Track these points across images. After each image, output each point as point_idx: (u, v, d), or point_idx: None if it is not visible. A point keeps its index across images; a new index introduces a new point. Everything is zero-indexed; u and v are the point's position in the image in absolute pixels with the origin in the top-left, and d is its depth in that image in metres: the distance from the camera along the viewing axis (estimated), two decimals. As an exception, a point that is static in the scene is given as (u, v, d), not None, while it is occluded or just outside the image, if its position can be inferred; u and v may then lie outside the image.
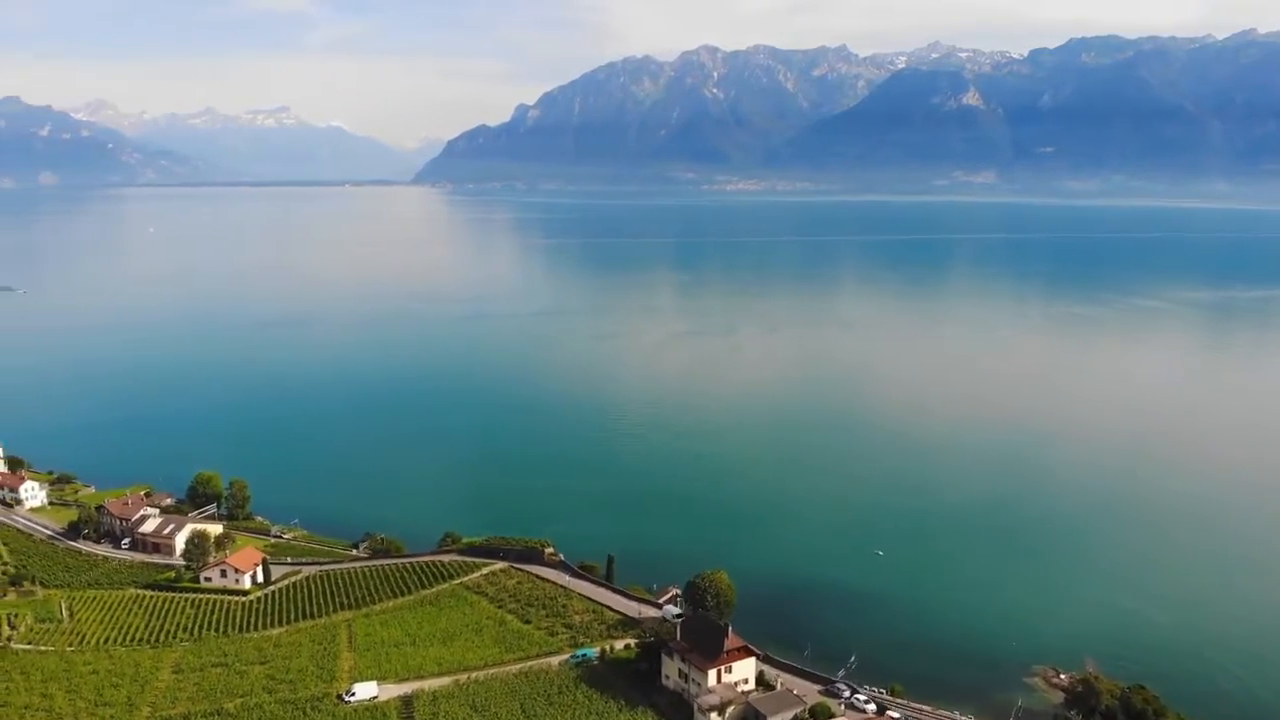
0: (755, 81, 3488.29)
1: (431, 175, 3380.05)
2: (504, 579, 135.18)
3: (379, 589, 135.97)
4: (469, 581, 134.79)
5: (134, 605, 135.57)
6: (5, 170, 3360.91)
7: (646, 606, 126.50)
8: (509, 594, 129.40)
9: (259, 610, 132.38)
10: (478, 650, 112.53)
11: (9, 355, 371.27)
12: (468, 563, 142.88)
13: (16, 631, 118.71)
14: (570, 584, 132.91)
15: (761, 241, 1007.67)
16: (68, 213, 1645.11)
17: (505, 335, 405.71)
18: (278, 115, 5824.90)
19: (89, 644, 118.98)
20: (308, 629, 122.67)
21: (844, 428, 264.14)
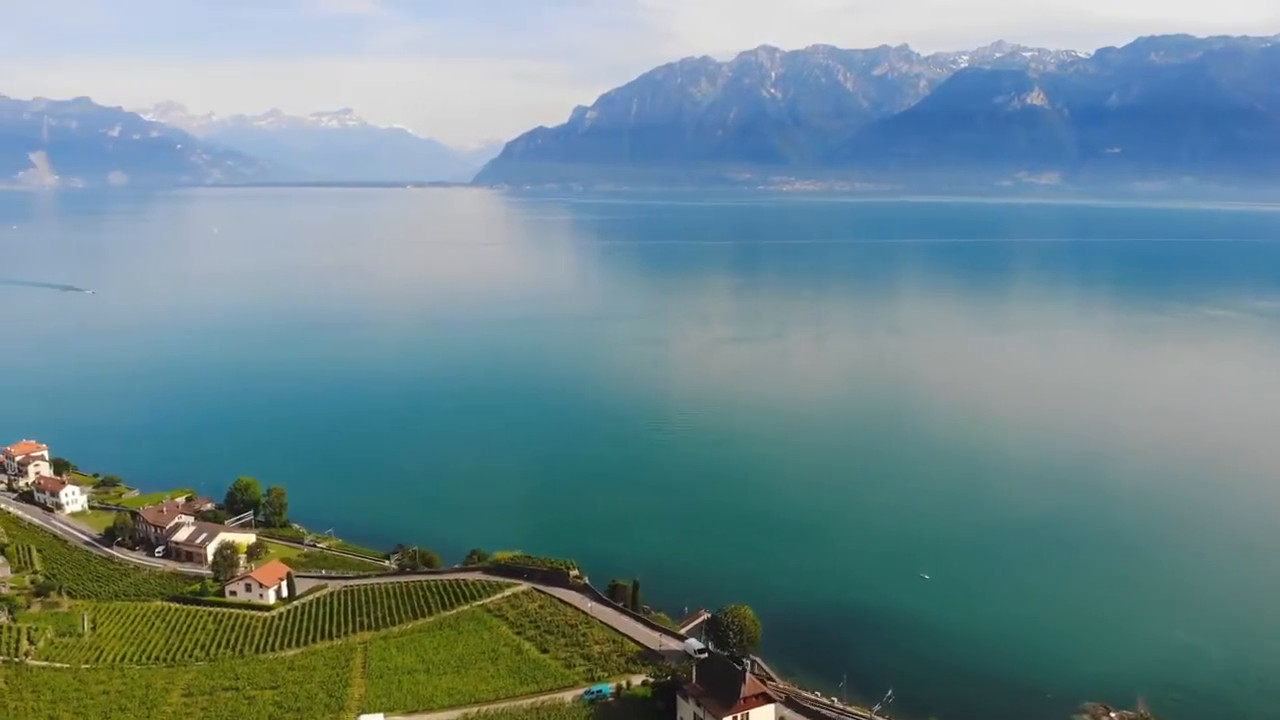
0: (814, 81, 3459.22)
1: (490, 177, 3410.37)
2: (526, 602, 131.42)
3: (400, 609, 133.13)
4: (490, 604, 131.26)
5: (157, 619, 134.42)
6: (76, 170, 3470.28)
7: (668, 638, 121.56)
8: (529, 619, 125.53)
9: (279, 628, 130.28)
10: (491, 681, 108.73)
11: (71, 356, 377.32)
12: (491, 582, 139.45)
13: (35, 647, 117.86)
14: (592, 610, 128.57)
15: (817, 244, 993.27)
16: (136, 213, 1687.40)
17: (550, 340, 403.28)
18: (341, 117, 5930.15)
19: (105, 661, 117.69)
20: (323, 651, 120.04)
21: (894, 441, 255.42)
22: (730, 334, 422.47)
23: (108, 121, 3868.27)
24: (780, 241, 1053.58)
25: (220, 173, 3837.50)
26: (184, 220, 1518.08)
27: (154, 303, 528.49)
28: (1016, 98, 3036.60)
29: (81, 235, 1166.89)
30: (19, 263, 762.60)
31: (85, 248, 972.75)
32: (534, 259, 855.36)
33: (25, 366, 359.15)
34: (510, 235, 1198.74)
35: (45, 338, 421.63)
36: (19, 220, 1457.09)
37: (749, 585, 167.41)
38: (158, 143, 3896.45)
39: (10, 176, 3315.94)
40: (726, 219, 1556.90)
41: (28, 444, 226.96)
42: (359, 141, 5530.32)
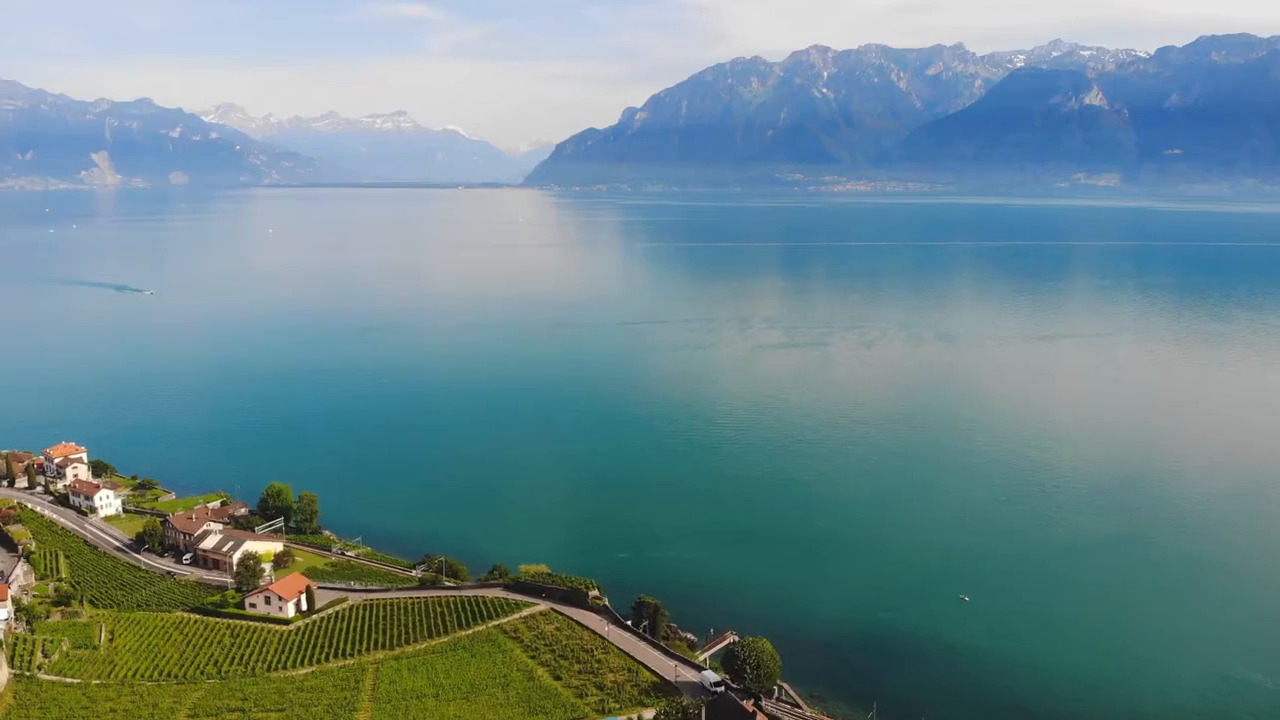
0: (866, 81, 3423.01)
1: (540, 178, 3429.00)
2: (543, 623, 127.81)
3: (416, 626, 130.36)
4: (506, 624, 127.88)
5: (175, 631, 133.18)
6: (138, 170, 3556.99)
7: (685, 667, 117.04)
8: (545, 642, 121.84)
9: (294, 644, 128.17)
10: (500, 710, 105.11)
11: (123, 357, 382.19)
12: (510, 601, 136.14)
13: (49, 660, 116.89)
14: (609, 634, 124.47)
15: (868, 247, 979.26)
16: (195, 213, 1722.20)
17: (592, 345, 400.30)
18: (395, 119, 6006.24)
19: (117, 676, 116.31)
20: (335, 671, 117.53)
21: (937, 454, 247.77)
22: (773, 340, 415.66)
23: (169, 122, 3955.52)
24: (830, 244, 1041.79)
25: (278, 173, 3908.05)
26: (242, 220, 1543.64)
27: (209, 304, 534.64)
28: (1074, 98, 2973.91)
29: (142, 235, 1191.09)
30: (81, 263, 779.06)
31: (146, 247, 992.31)
32: (579, 261, 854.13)
33: (77, 367, 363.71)
34: (557, 237, 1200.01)
35: (101, 338, 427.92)
36: (81, 219, 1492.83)
37: (779, 603, 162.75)
38: (217, 144, 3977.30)
39: (73, 176, 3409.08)
40: (776, 220, 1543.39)
41: (67, 446, 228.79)
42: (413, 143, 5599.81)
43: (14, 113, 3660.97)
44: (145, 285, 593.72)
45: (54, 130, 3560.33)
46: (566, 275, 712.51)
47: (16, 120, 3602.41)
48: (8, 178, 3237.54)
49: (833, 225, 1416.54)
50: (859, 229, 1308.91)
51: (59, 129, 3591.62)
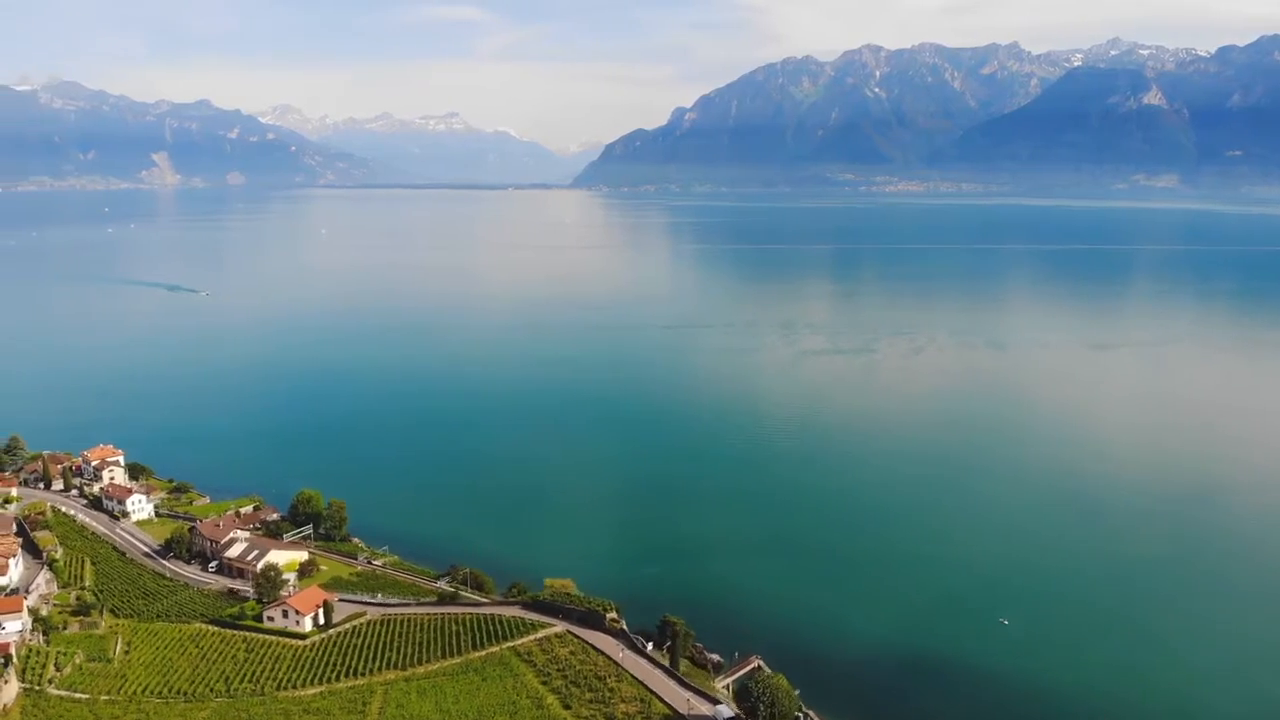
0: (920, 80, 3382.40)
1: (589, 179, 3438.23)
2: (557, 646, 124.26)
3: (431, 645, 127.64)
4: (521, 646, 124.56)
5: (191, 644, 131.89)
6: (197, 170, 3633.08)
7: (700, 699, 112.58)
8: (557, 667, 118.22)
9: (307, 661, 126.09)
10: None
11: (174, 358, 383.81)
12: (526, 621, 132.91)
13: (60, 674, 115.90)
14: (624, 660, 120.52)
15: (918, 249, 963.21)
16: (252, 213, 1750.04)
17: (634, 349, 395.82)
18: (448, 120, 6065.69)
19: (126, 692, 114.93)
20: (344, 692, 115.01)
21: (981, 468, 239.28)
22: (817, 346, 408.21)
23: (227, 123, 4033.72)
24: (881, 245, 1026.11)
25: (333, 174, 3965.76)
26: (296, 220, 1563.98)
27: (260, 305, 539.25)
28: (1133, 97, 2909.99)
29: (199, 235, 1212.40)
30: (138, 263, 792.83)
31: (202, 248, 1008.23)
32: (622, 263, 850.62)
33: (127, 368, 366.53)
34: (604, 238, 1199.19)
35: (154, 339, 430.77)
36: (139, 219, 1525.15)
37: (810, 622, 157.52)
38: (274, 145, 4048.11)
39: (134, 176, 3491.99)
40: (825, 221, 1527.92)
41: (105, 449, 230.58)
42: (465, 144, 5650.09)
43: (76, 113, 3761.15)
44: (201, 286, 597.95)
45: (115, 131, 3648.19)
46: (609, 277, 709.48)
47: (79, 121, 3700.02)
48: (70, 177, 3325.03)
49: (883, 226, 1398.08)
50: (910, 230, 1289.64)
51: (120, 129, 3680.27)
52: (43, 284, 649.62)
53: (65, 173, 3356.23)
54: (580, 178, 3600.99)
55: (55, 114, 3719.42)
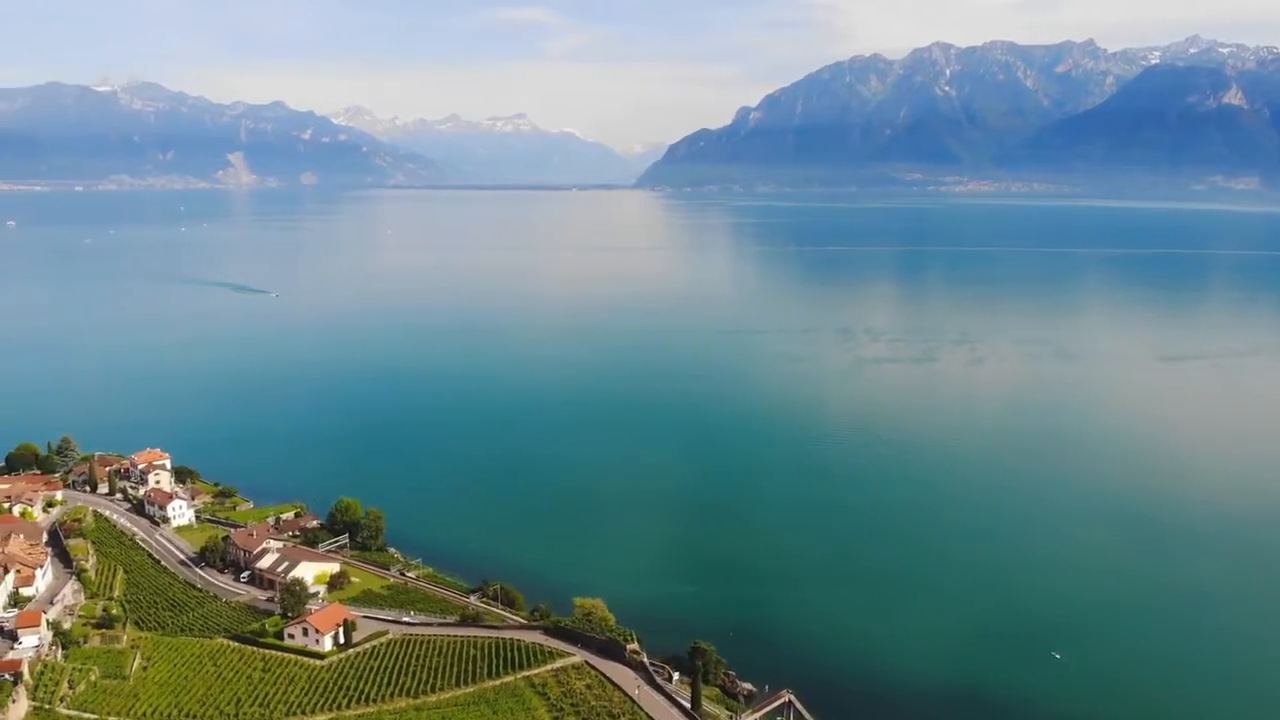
0: (991, 78, 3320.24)
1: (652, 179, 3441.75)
2: (574, 678, 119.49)
3: (446, 672, 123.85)
4: (536, 677, 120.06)
5: (209, 661, 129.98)
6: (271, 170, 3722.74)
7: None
8: (570, 701, 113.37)
9: (320, 684, 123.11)
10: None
11: (237, 359, 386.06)
12: (545, 649, 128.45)
13: (73, 692, 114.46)
14: (640, 695, 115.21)
15: (986, 252, 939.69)
16: (323, 213, 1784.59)
17: (687, 356, 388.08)
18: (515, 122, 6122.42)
19: (136, 712, 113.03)
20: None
21: (1040, 487, 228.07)
22: (875, 354, 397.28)
23: (300, 124, 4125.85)
24: (948, 248, 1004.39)
25: (402, 175, 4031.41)
26: (365, 221, 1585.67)
27: (325, 308, 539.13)
28: (1212, 96, 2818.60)
29: (271, 235, 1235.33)
30: (209, 263, 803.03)
31: (273, 248, 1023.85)
32: (683, 265, 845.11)
33: (188, 369, 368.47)
34: (664, 239, 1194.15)
35: (220, 340, 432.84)
36: (213, 219, 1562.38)
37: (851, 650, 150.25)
38: (345, 145, 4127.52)
39: (210, 176, 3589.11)
40: (892, 222, 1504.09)
41: (152, 452, 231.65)
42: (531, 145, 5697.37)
43: (155, 114, 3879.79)
44: (271, 287, 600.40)
45: (193, 131, 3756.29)
46: (667, 279, 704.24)
47: (158, 122, 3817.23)
48: (149, 176, 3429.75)
49: (950, 228, 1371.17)
50: (978, 232, 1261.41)
51: (197, 130, 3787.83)
52: (114, 282, 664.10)
53: (144, 172, 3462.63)
54: (643, 178, 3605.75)
55: (135, 114, 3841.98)
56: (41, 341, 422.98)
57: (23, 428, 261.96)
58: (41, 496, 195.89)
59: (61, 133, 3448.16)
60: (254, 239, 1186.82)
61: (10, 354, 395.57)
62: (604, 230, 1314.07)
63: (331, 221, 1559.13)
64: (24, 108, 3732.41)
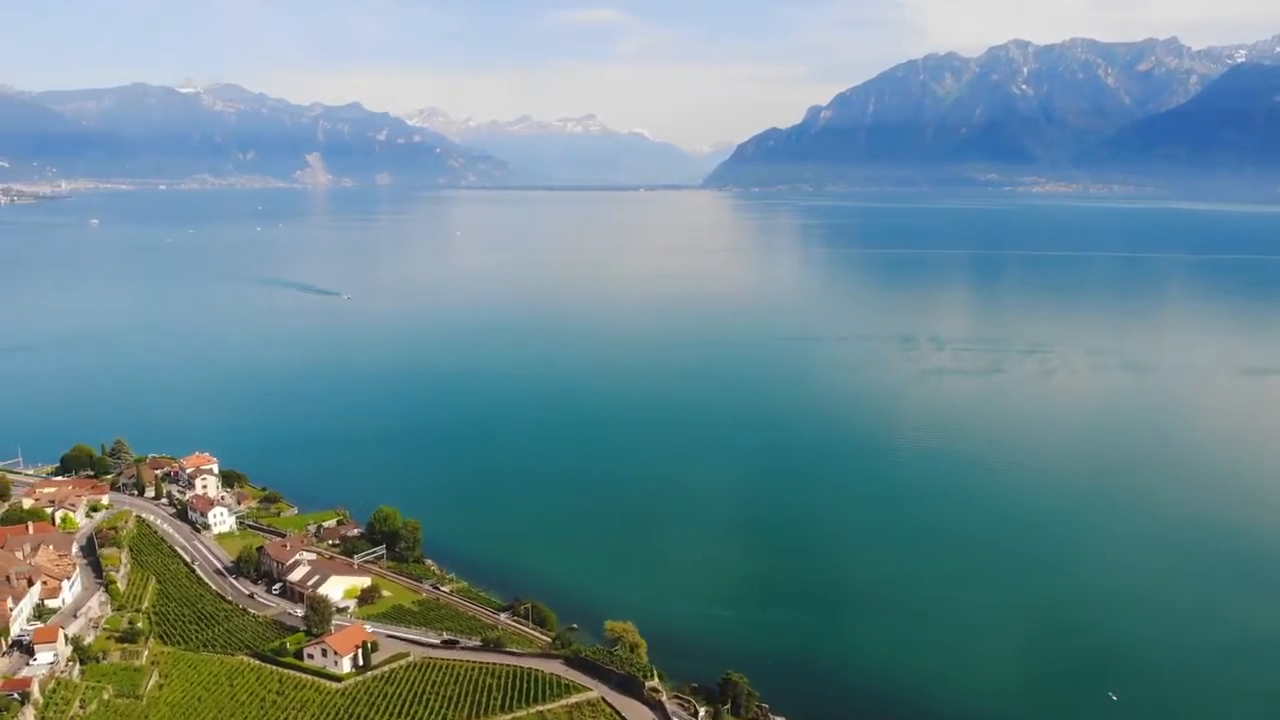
0: (1070, 77, 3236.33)
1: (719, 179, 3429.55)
2: (589, 716, 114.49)
3: (460, 702, 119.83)
4: (550, 712, 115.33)
5: (226, 680, 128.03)
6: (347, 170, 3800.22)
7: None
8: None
9: (332, 710, 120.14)
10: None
11: (303, 360, 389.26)
12: (563, 682, 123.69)
13: (84, 711, 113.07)
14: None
15: (1062, 256, 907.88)
16: (397, 213, 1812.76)
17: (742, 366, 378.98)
18: (585, 123, 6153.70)
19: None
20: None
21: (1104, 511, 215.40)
22: (939, 365, 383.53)
23: (376, 126, 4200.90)
24: (1025, 252, 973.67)
25: (474, 175, 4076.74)
26: (436, 222, 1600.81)
27: (394, 311, 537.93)
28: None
29: (344, 236, 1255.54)
30: (282, 263, 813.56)
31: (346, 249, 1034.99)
32: (746, 269, 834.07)
33: (251, 371, 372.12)
34: (729, 241, 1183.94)
35: (287, 341, 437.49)
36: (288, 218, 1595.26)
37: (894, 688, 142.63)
38: (419, 147, 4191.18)
39: (289, 176, 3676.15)
40: (966, 224, 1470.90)
41: (200, 456, 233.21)
42: (600, 146, 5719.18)
43: (236, 115, 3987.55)
44: (342, 289, 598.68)
45: (272, 132, 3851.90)
46: (728, 283, 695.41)
47: (239, 122, 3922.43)
48: (230, 176, 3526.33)
49: (1026, 230, 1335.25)
50: (1055, 235, 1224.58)
51: (277, 131, 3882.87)
52: (188, 282, 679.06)
53: (225, 172, 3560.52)
54: (711, 178, 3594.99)
55: (217, 115, 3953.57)
56: (109, 341, 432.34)
57: (81, 427, 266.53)
58: (85, 501, 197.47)
59: (146, 133, 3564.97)
60: (328, 239, 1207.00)
61: (76, 353, 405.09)
62: (669, 231, 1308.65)
63: (404, 222, 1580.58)
64: (110, 108, 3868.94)
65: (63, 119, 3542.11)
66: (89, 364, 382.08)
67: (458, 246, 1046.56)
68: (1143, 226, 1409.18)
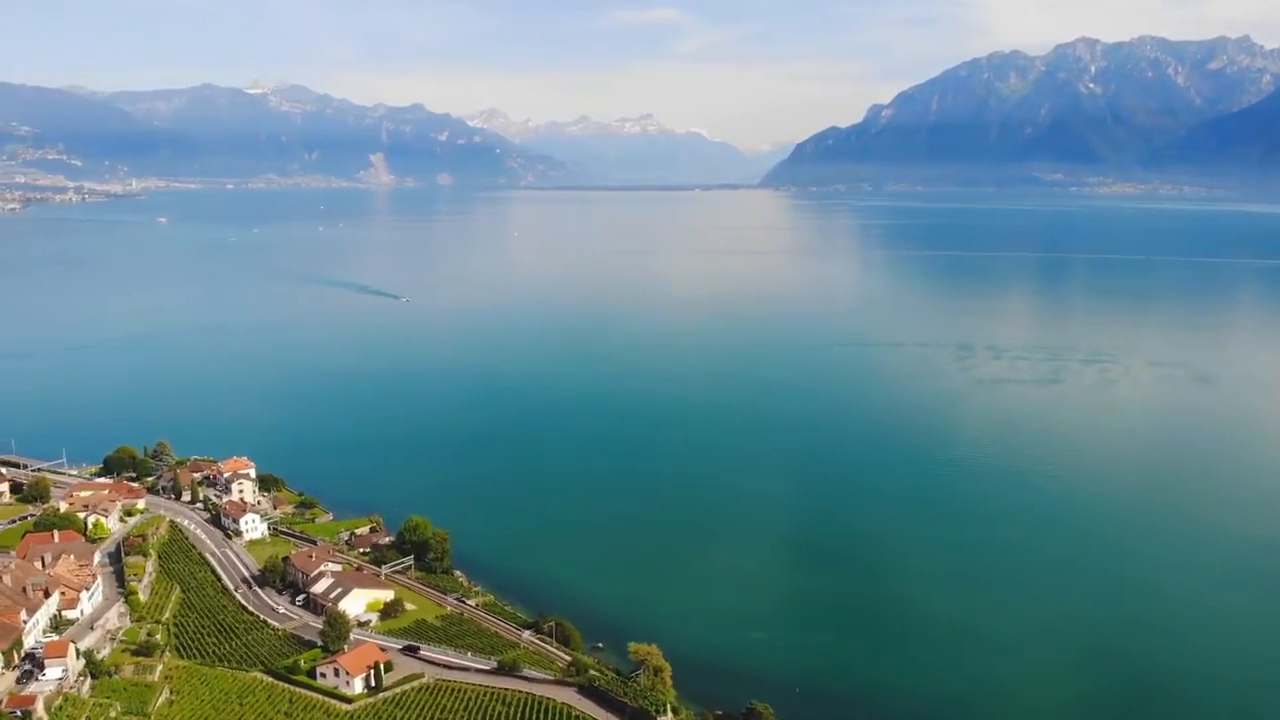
0: (1139, 75, 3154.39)
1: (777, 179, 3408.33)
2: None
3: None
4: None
5: (236, 699, 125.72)
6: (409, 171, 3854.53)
7: None
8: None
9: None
10: None
11: (356, 363, 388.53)
12: (574, 712, 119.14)
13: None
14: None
15: (1129, 260, 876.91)
16: (457, 213, 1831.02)
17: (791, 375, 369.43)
18: (642, 123, 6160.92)
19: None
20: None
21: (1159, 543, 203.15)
22: (994, 374, 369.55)
23: (437, 127, 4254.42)
24: (1092, 255, 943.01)
25: (532, 176, 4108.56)
26: (495, 223, 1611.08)
27: (451, 314, 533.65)
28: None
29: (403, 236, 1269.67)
30: (342, 264, 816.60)
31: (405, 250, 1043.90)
32: (800, 271, 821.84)
33: (302, 374, 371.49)
34: (785, 242, 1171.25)
35: (344, 344, 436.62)
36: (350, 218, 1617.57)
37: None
38: (480, 147, 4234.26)
39: (353, 176, 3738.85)
40: (1031, 226, 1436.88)
41: (238, 460, 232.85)
42: (658, 146, 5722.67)
43: (302, 116, 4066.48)
44: (401, 291, 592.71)
45: (337, 133, 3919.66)
46: (781, 287, 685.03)
47: (304, 123, 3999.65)
48: (295, 175, 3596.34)
49: (1092, 232, 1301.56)
50: (1122, 238, 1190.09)
51: (341, 131, 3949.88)
52: (247, 281, 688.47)
53: (291, 171, 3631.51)
54: (768, 177, 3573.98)
55: (283, 116, 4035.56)
56: (162, 340, 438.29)
57: (127, 428, 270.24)
58: (120, 506, 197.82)
59: (214, 133, 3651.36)
60: (388, 239, 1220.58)
61: (130, 352, 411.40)
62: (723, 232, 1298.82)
63: (463, 222, 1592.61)
64: (180, 108, 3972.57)
65: (134, 119, 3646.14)
66: (140, 364, 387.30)
67: (513, 247, 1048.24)
68: (1214, 229, 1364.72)
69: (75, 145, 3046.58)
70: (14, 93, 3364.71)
